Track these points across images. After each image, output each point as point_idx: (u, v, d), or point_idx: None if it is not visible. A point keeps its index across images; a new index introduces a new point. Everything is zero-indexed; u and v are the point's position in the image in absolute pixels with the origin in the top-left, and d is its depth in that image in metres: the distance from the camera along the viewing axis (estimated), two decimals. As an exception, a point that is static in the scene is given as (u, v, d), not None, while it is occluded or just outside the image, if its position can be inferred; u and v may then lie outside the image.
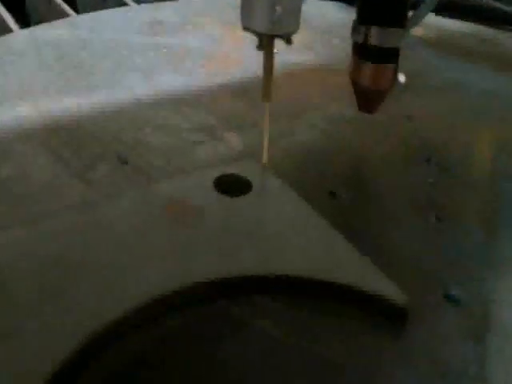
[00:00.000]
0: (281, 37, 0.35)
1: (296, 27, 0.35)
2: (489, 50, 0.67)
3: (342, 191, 0.39)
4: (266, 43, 0.35)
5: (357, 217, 0.37)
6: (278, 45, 0.35)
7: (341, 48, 0.63)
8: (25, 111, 0.45)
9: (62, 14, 0.71)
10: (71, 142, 0.42)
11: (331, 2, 0.78)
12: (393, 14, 0.40)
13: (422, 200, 0.40)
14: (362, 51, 0.41)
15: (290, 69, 0.56)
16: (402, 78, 0.42)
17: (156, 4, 0.71)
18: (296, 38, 0.35)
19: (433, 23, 0.73)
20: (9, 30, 0.65)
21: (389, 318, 0.30)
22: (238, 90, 0.52)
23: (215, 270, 0.30)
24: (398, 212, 0.38)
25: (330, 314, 0.30)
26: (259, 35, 0.35)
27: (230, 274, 0.30)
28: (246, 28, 0.35)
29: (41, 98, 0.47)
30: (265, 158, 0.38)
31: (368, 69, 0.42)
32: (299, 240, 0.33)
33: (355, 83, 0.43)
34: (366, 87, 0.42)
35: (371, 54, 0.41)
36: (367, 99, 0.43)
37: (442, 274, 0.33)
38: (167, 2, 0.72)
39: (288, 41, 0.35)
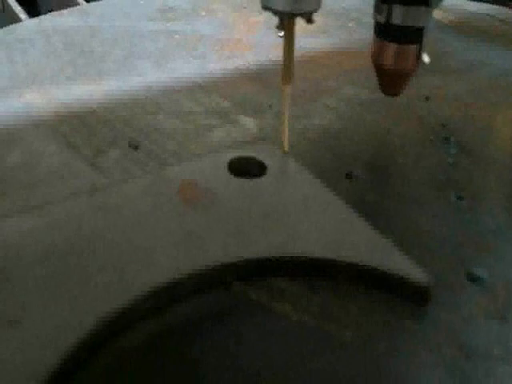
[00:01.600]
0: (302, 15, 0.33)
1: (318, 5, 0.33)
2: (507, 30, 0.66)
3: (359, 172, 0.38)
4: (286, 23, 0.34)
5: (375, 197, 0.36)
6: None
7: (356, 31, 0.62)
8: (34, 98, 0.44)
9: (73, 5, 0.70)
10: (82, 128, 0.41)
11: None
12: None
13: (442, 179, 0.38)
14: (385, 31, 0.40)
15: (305, 52, 0.55)
16: (426, 58, 0.41)
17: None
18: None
19: (450, 5, 0.71)
20: (18, 20, 0.65)
21: (410, 298, 0.29)
22: (252, 74, 0.50)
23: (231, 252, 0.29)
24: (417, 192, 0.37)
25: (349, 295, 0.28)
26: (280, 14, 0.33)
27: (246, 257, 0.29)
28: (265, 7, 0.33)
29: (50, 85, 0.46)
30: (286, 144, 0.37)
31: (391, 50, 0.40)
32: (316, 222, 0.31)
33: (378, 65, 0.41)
34: (389, 69, 0.41)
35: (394, 34, 0.39)
36: (390, 81, 0.42)
37: (464, 253, 0.32)
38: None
39: (309, 20, 0.33)
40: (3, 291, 0.26)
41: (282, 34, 0.35)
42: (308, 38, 0.57)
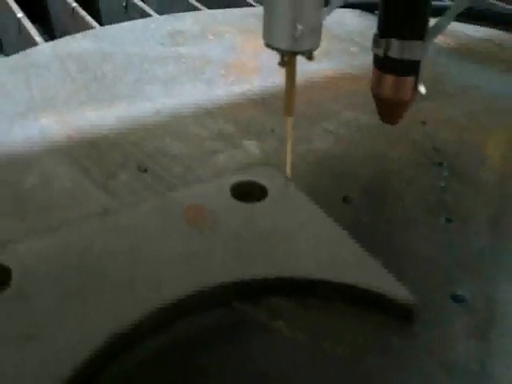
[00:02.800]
0: (302, 54, 0.35)
1: (317, 43, 0.35)
2: (504, 54, 0.68)
3: (355, 195, 0.40)
4: (288, 60, 0.36)
5: (369, 220, 0.38)
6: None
7: (359, 56, 0.64)
8: (49, 123, 0.46)
9: (86, 26, 0.73)
10: (93, 152, 0.43)
11: (350, 10, 0.79)
12: (413, 26, 0.41)
13: (433, 203, 0.41)
14: (383, 64, 0.42)
15: (308, 77, 0.57)
16: (422, 89, 0.43)
17: (178, 14, 0.72)
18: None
19: (449, 29, 0.73)
20: (34, 43, 0.67)
21: (396, 317, 0.31)
22: (256, 98, 0.53)
23: (231, 273, 0.31)
24: (409, 215, 0.39)
25: (340, 314, 0.31)
26: (281, 52, 0.35)
27: (244, 277, 0.31)
28: (267, 45, 0.35)
29: (64, 110, 0.48)
30: (288, 171, 0.39)
31: (389, 81, 0.42)
32: (312, 244, 0.34)
33: (377, 95, 0.44)
34: (387, 99, 0.43)
35: (392, 66, 0.42)
36: (389, 111, 0.44)
37: (450, 274, 0.34)
38: (189, 12, 0.74)
39: (309, 57, 0.36)
40: (21, 308, 0.28)
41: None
42: (311, 62, 0.60)
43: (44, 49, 0.59)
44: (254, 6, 0.86)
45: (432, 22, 0.41)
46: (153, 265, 0.31)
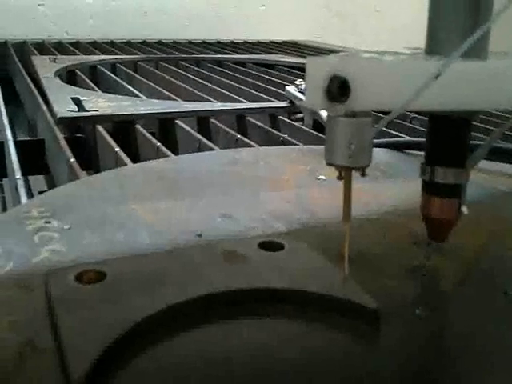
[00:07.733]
0: (356, 169, 0.43)
1: (369, 161, 0.41)
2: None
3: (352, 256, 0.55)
4: (344, 175, 0.44)
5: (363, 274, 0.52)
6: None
7: (379, 179, 0.80)
8: (136, 207, 0.64)
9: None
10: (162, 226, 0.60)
11: (381, 149, 0.95)
12: (454, 156, 0.48)
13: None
14: (430, 188, 0.50)
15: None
16: (465, 209, 0.49)
17: (238, 149, 0.92)
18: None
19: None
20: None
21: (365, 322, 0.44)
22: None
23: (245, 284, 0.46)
24: (387, 267, 0.54)
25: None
26: (339, 168, 0.43)
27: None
28: (328, 164, 0.43)
29: (145, 201, 0.66)
30: (346, 269, 0.48)
31: (436, 203, 0.49)
32: (304, 275, 0.48)
33: (426, 216, 0.51)
34: (435, 219, 0.50)
35: (438, 189, 0.49)
36: (437, 229, 0.51)
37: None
38: (247, 148, 0.93)
39: (363, 173, 0.43)
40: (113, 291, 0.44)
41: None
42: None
43: (133, 167, 0.79)
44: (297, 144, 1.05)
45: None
46: (196, 278, 0.47)
